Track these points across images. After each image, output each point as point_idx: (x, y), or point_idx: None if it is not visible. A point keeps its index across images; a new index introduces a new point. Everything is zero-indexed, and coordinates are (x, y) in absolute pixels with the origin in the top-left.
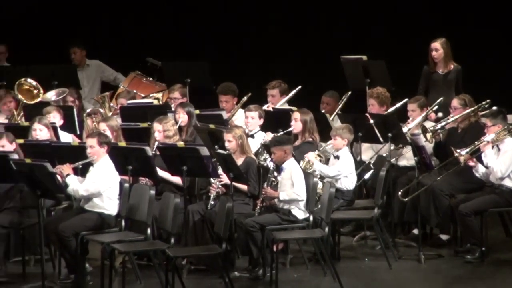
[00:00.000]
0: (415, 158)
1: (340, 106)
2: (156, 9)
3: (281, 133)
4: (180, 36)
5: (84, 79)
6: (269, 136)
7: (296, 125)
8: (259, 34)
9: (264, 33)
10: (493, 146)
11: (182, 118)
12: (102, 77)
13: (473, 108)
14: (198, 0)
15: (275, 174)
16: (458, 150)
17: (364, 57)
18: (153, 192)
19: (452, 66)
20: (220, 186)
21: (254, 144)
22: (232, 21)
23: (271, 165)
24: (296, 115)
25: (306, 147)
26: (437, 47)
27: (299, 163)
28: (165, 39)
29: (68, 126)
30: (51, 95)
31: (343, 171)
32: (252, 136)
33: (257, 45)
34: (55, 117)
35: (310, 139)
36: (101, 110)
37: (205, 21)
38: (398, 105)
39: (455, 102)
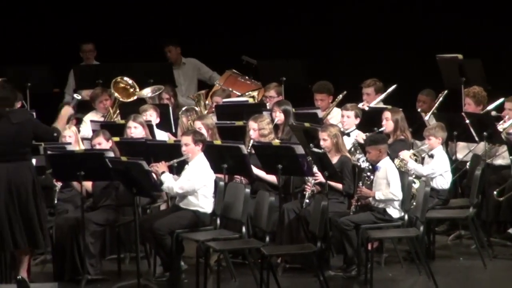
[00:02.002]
0: (511, 157)
1: (436, 105)
2: (252, 8)
3: (375, 132)
4: (275, 34)
5: (181, 77)
6: (361, 135)
7: (387, 125)
8: (354, 33)
9: (359, 31)
10: None
11: (279, 116)
12: (198, 75)
13: None
14: None
15: (369, 173)
16: None
17: (460, 56)
18: (248, 190)
19: None
20: (315, 184)
21: (349, 143)
22: (327, 20)
23: (364, 164)
24: (387, 115)
25: (399, 145)
26: None
27: (392, 161)
28: (260, 37)
29: (164, 124)
30: (147, 92)
31: (437, 170)
32: (348, 134)
33: (353, 43)
34: (152, 115)
35: (402, 137)
36: (197, 108)
37: (301, 19)
38: (494, 104)
39: None
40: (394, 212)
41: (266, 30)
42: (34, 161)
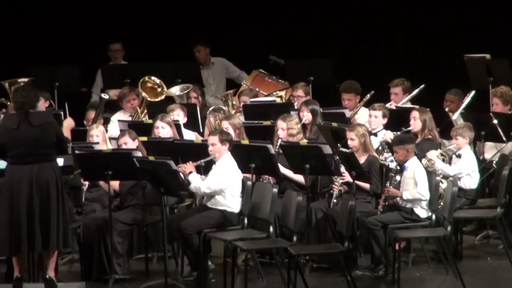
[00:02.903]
0: None
1: (464, 104)
2: (279, 7)
3: (403, 131)
4: (303, 34)
5: (210, 77)
6: (388, 134)
7: (415, 124)
8: (382, 32)
9: (388, 31)
10: None
11: (306, 116)
12: (226, 74)
13: None
14: None
15: (396, 173)
16: None
17: (488, 56)
18: (275, 190)
19: None
20: (342, 184)
21: (376, 143)
22: (355, 19)
23: (392, 164)
24: (415, 114)
25: (426, 144)
26: None
27: (420, 160)
28: (288, 37)
29: (191, 124)
30: (175, 90)
31: (464, 169)
32: (375, 134)
33: (381, 43)
34: (179, 115)
35: (430, 137)
36: (224, 108)
37: (328, 19)
38: None
39: None
40: (422, 212)
41: (294, 30)
42: (61, 160)
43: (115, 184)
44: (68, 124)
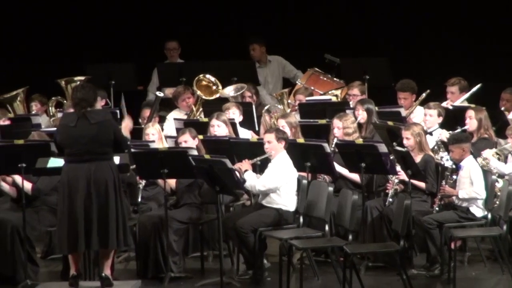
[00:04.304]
0: None
1: None
2: (334, 5)
3: (459, 130)
4: (358, 32)
5: (268, 75)
6: (444, 133)
7: (471, 123)
8: (438, 31)
9: (444, 30)
10: None
11: (361, 115)
12: (282, 73)
13: None
14: None
15: (452, 172)
16: None
17: None
18: (331, 188)
19: None
20: (398, 183)
21: (431, 142)
22: (411, 18)
23: (448, 163)
24: (471, 113)
25: (482, 143)
26: None
27: (475, 159)
28: (343, 36)
29: (247, 122)
30: (229, 90)
31: None
32: (430, 133)
33: (437, 42)
34: (234, 113)
35: (486, 136)
36: (280, 107)
37: (383, 17)
38: None
39: None
40: (477, 211)
41: (349, 28)
42: (117, 158)
43: (171, 182)
44: (126, 124)
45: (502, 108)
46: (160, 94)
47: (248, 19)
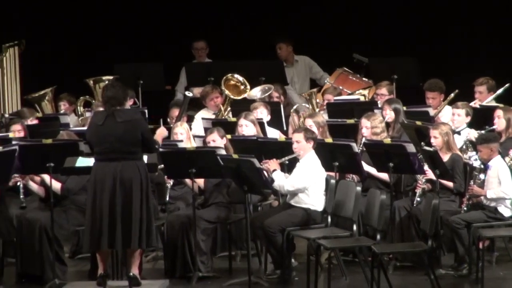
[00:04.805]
0: None
1: None
2: (362, 5)
3: (487, 130)
4: (386, 32)
5: (295, 75)
6: (472, 133)
7: (499, 123)
8: (467, 30)
9: (473, 29)
10: None
11: (389, 114)
12: (309, 74)
13: None
14: None
15: (480, 172)
16: None
17: None
18: (359, 188)
19: None
20: (426, 183)
21: (460, 141)
22: (439, 17)
23: (476, 162)
24: (499, 113)
25: (510, 143)
26: None
27: (503, 159)
28: (371, 35)
29: (275, 122)
30: (256, 92)
31: None
32: (458, 133)
33: (466, 41)
34: (262, 113)
35: None
36: (308, 106)
37: (411, 17)
38: None
39: None
40: (506, 210)
41: (378, 28)
42: (145, 158)
43: (200, 181)
44: (160, 132)
45: None
46: (189, 94)
47: (276, 18)
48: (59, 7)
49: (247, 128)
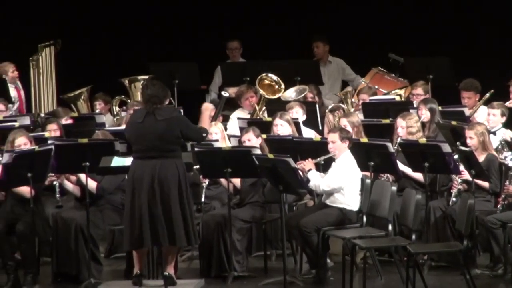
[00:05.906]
0: None
1: None
2: (398, 4)
3: None
4: (422, 31)
5: (326, 75)
6: (508, 133)
7: None
8: (503, 31)
9: (507, 29)
10: None
11: (425, 114)
12: (342, 76)
13: None
14: None
15: None
16: None
17: None
18: (394, 188)
19: None
20: (461, 183)
21: (495, 141)
22: (474, 18)
23: (511, 162)
24: None
25: None
26: None
27: None
28: (407, 34)
29: (310, 122)
30: (291, 93)
31: None
32: (494, 133)
33: (501, 41)
34: (298, 113)
35: None
36: (343, 106)
37: (447, 16)
38: None
39: None
40: None
41: (413, 28)
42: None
43: (236, 181)
44: (205, 108)
45: None
46: (225, 94)
47: (312, 18)
48: (94, 6)
49: (282, 127)
